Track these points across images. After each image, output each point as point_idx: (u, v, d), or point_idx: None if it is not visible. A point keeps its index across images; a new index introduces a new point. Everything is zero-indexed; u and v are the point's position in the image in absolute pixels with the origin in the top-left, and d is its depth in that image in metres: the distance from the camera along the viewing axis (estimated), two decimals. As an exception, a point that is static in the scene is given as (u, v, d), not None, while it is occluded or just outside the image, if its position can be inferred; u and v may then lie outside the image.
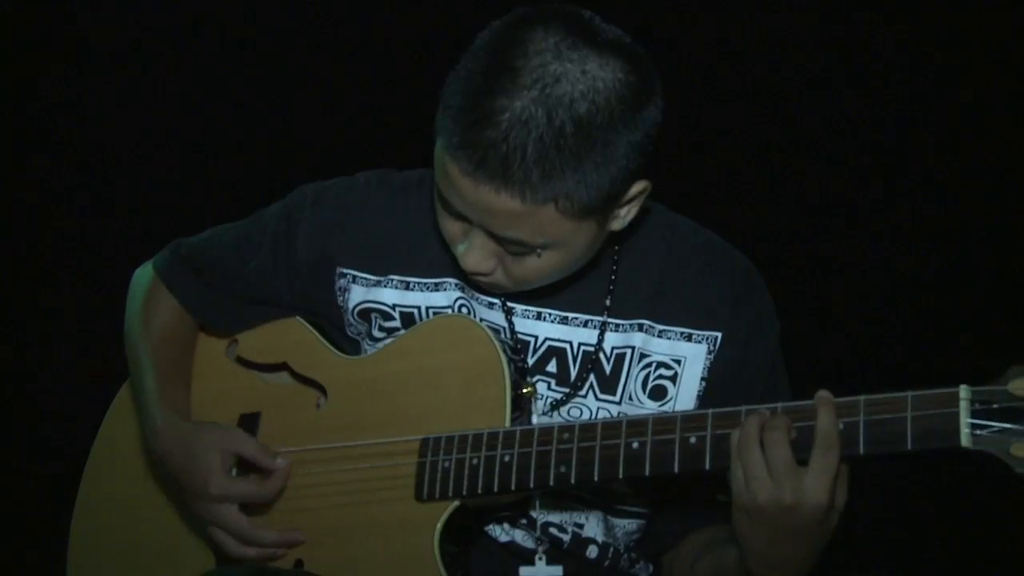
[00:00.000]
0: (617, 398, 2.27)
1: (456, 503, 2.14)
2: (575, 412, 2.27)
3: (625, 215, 2.13)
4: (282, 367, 2.41)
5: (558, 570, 2.24)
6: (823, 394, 1.90)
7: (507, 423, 2.14)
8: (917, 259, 3.65)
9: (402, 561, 2.15)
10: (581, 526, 2.30)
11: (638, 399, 2.26)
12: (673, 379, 2.26)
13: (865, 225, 3.71)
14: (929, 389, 1.85)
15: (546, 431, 2.09)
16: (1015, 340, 3.19)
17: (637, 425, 2.03)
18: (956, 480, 3.42)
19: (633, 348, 2.26)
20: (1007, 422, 1.79)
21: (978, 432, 1.80)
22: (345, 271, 2.32)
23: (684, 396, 2.26)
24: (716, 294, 2.27)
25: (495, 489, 2.10)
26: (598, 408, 2.27)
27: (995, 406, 1.80)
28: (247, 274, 2.40)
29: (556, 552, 2.28)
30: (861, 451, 1.88)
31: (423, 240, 2.30)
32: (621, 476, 2.03)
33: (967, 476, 3.25)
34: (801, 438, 1.90)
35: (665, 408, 2.26)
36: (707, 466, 1.97)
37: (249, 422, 2.39)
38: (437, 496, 2.14)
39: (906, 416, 1.84)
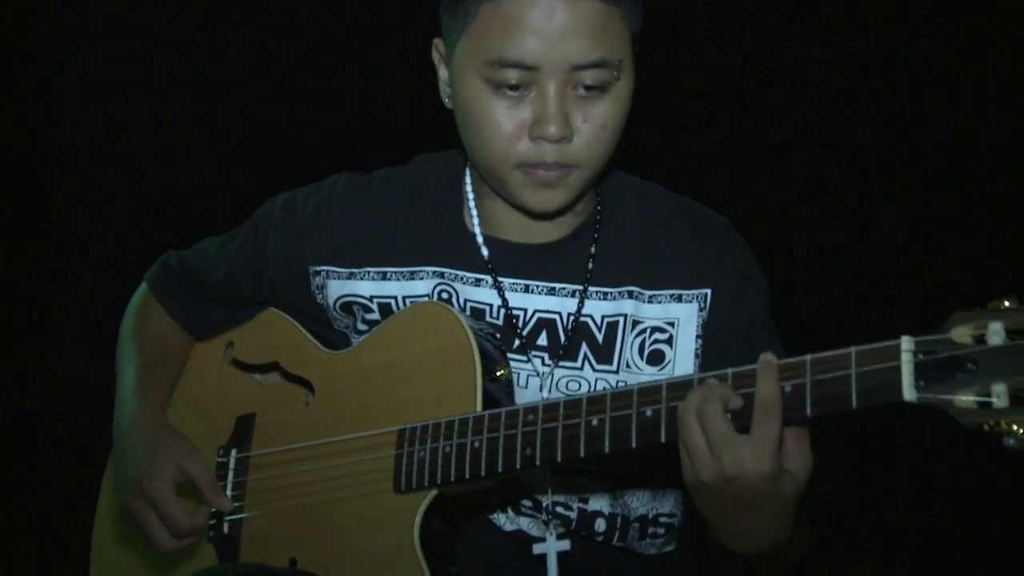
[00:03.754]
0: (615, 367, 2.24)
1: (434, 492, 2.12)
2: (573, 386, 2.25)
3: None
4: (274, 367, 2.42)
5: (566, 544, 2.19)
6: (765, 357, 1.82)
7: (478, 408, 2.11)
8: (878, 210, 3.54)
9: (386, 555, 2.14)
10: (586, 500, 2.27)
11: (636, 366, 2.24)
12: (669, 342, 2.24)
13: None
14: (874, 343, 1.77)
15: (512, 414, 2.06)
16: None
17: (596, 402, 1.98)
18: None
19: (625, 316, 2.24)
20: (950, 372, 1.69)
21: (921, 383, 1.71)
22: (318, 268, 2.32)
23: (682, 357, 2.24)
24: (700, 252, 2.26)
25: (467, 476, 2.08)
26: (596, 379, 2.24)
27: (939, 356, 1.71)
28: (227, 285, 2.45)
29: (566, 532, 2.25)
30: (808, 413, 1.79)
31: (394, 231, 2.30)
32: (583, 455, 1.98)
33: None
34: (747, 405, 1.83)
35: (665, 372, 2.23)
36: (663, 439, 1.91)
37: (245, 424, 2.41)
38: (414, 487, 2.12)
39: (851, 373, 1.76)
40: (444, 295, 2.27)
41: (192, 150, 3.96)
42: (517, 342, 2.25)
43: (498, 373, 2.17)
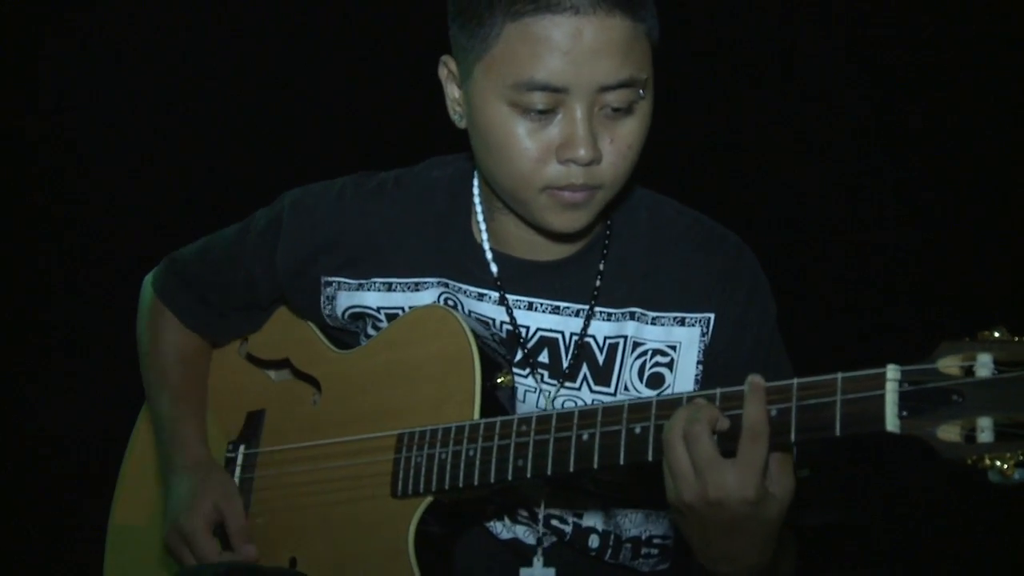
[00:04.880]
0: (612, 389, 2.21)
1: (429, 499, 2.11)
2: (569, 405, 2.21)
3: None
4: (285, 363, 2.42)
5: (551, 572, 2.20)
6: (753, 379, 1.78)
7: (476, 415, 2.09)
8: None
9: (380, 559, 2.13)
10: (581, 515, 2.25)
11: (635, 389, 2.21)
12: (670, 366, 2.20)
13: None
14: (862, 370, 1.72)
15: (507, 424, 2.04)
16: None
17: (587, 416, 1.96)
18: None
19: (626, 337, 2.21)
20: (935, 403, 1.65)
21: (904, 414, 1.67)
22: (330, 279, 2.30)
23: (681, 381, 2.20)
24: (706, 275, 2.21)
25: (461, 484, 2.06)
26: (592, 400, 2.21)
27: (925, 386, 1.66)
28: (235, 286, 2.42)
29: (559, 546, 2.24)
30: (792, 439, 1.76)
31: (401, 239, 2.27)
32: (572, 470, 1.96)
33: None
34: (734, 427, 1.79)
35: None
36: (649, 457, 1.88)
37: (255, 420, 2.42)
38: (410, 492, 2.11)
39: (835, 400, 1.72)
40: (450, 303, 2.25)
41: (195, 153, 3.97)
42: (520, 354, 2.22)
43: (499, 380, 2.15)
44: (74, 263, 4.05)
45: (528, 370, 2.22)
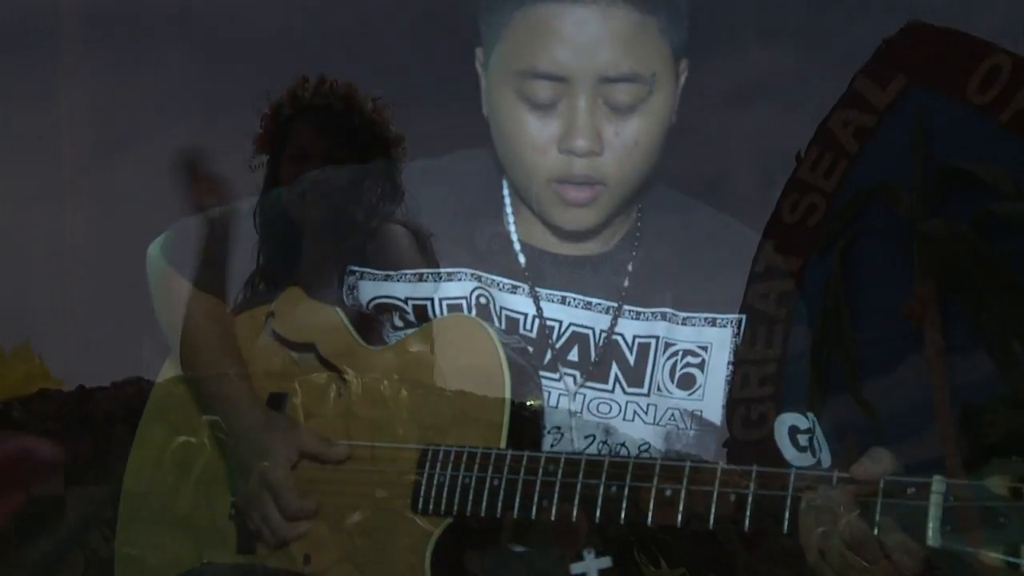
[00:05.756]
0: (645, 390, 2.20)
1: (449, 520, 2.09)
2: (604, 408, 2.20)
3: (676, 103, 2.13)
4: (310, 348, 2.38)
5: (607, 561, 2.17)
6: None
7: (503, 443, 2.06)
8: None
9: (395, 572, 2.12)
10: None
11: (667, 390, 2.20)
12: (701, 367, 2.20)
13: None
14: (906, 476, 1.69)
15: (534, 459, 2.02)
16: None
17: (617, 466, 1.94)
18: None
19: (658, 338, 2.20)
20: (979, 522, 1.61)
21: (947, 529, 1.63)
22: (353, 268, 2.28)
23: (712, 383, 2.20)
24: (738, 275, 2.23)
25: (482, 513, 2.04)
26: (627, 402, 2.20)
27: (970, 504, 1.62)
28: (247, 259, 2.43)
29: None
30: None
31: (431, 230, 2.26)
32: (598, 519, 1.94)
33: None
34: None
35: (695, 396, 2.20)
36: (677, 522, 1.86)
37: (276, 403, 2.37)
38: (431, 511, 2.09)
39: (876, 502, 1.69)
40: (482, 300, 2.22)
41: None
42: (549, 355, 2.21)
43: (528, 403, 2.12)
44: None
45: (558, 373, 2.20)
